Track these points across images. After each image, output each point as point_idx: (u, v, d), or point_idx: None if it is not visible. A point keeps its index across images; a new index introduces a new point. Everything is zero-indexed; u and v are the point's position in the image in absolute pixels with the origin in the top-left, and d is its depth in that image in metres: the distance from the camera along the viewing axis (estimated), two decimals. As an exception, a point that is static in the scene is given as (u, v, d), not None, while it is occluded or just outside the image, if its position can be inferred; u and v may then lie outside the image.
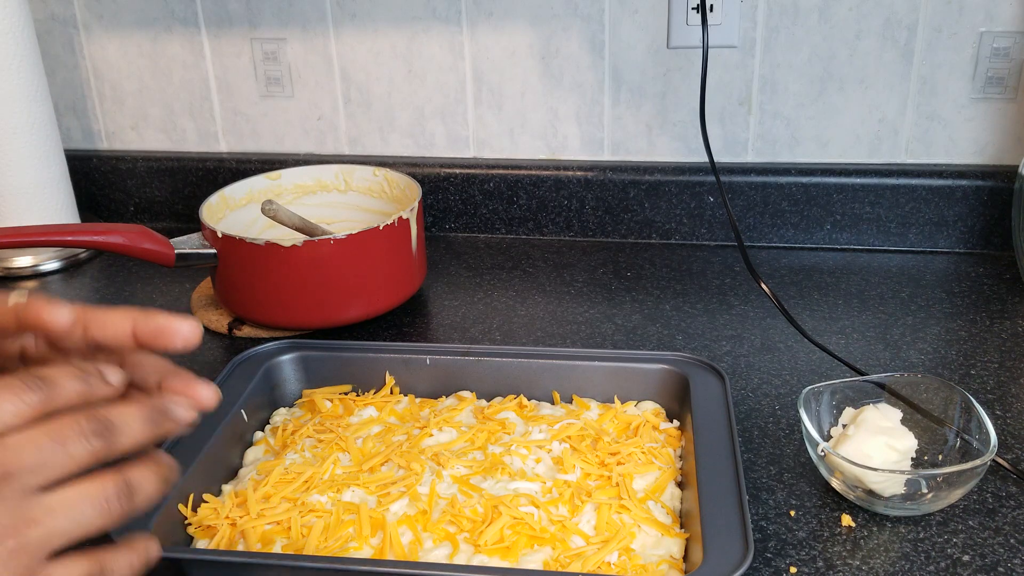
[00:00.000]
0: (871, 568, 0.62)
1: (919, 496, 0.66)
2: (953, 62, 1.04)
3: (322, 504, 0.67)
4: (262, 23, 1.17)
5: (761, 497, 0.69)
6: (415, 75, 1.16)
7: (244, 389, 0.77)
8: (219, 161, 1.23)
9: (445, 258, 1.13)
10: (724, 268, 1.07)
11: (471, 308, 1.00)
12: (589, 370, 0.79)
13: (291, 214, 0.94)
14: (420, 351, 0.82)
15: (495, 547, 0.62)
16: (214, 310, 1.00)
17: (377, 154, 1.21)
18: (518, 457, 0.71)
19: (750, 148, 1.13)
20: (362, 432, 0.75)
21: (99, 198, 1.28)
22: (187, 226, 1.15)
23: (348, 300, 0.94)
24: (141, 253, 0.90)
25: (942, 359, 0.87)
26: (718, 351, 0.89)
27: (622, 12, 1.08)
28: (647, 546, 0.63)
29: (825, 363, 0.86)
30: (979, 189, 1.06)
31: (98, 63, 1.23)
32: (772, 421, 0.78)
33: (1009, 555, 0.63)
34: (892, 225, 1.10)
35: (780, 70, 1.08)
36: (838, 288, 1.01)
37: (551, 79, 1.13)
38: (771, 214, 1.12)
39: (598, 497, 0.66)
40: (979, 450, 0.67)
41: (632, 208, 1.15)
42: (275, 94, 1.21)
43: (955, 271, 1.04)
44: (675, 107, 1.12)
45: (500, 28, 1.12)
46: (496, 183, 1.17)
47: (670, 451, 0.72)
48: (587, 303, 1.00)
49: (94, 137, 1.28)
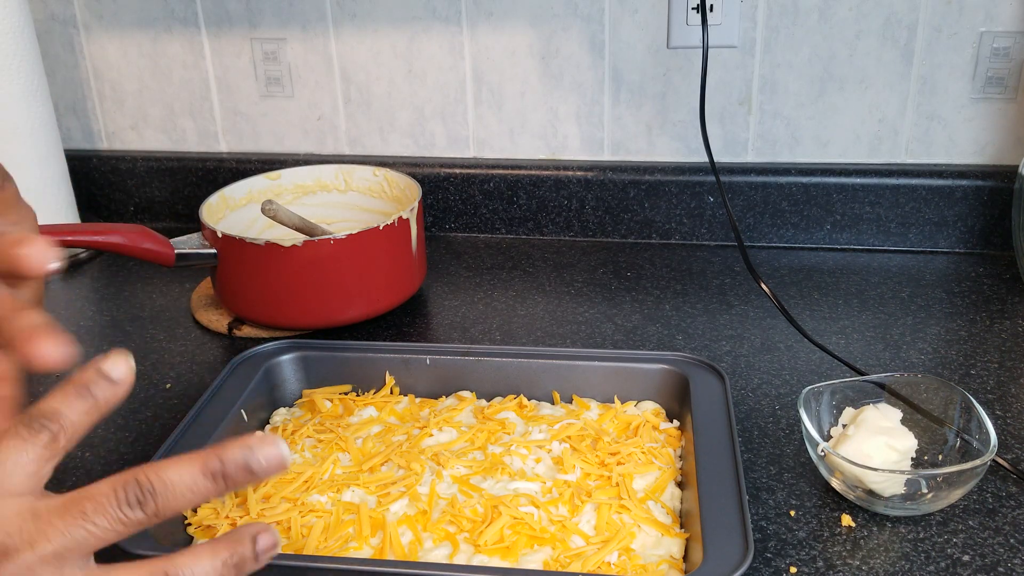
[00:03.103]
0: (871, 568, 0.62)
1: (919, 496, 0.66)
2: (953, 62, 1.04)
3: (322, 504, 0.67)
4: (262, 23, 1.17)
5: (761, 497, 0.69)
6: (415, 75, 1.16)
7: (244, 389, 0.77)
8: (219, 161, 1.23)
9: (445, 258, 1.13)
10: (724, 268, 1.07)
11: (471, 308, 1.00)
12: (589, 370, 0.79)
13: (291, 214, 0.94)
14: (420, 351, 0.82)
15: (495, 547, 0.62)
16: (214, 310, 1.00)
17: (377, 154, 1.21)
18: (518, 457, 0.71)
19: (750, 148, 1.13)
20: (362, 432, 0.75)
21: (99, 198, 1.28)
22: (187, 226, 1.16)
23: (348, 300, 0.94)
24: (141, 253, 0.90)
25: (942, 359, 0.87)
26: (718, 351, 0.89)
27: (622, 12, 1.08)
28: (647, 546, 0.63)
29: (825, 363, 0.86)
30: (979, 189, 1.06)
31: (98, 63, 1.23)
32: (772, 421, 0.78)
33: (1009, 555, 0.63)
34: (892, 225, 1.10)
35: (780, 70, 1.08)
36: (838, 288, 1.01)
37: (551, 79, 1.13)
38: (771, 214, 1.12)
39: (598, 497, 0.66)
40: (979, 450, 0.67)
41: (632, 208, 1.15)
42: (275, 94, 1.21)
43: (955, 271, 1.04)
44: (675, 107, 1.12)
45: (500, 28, 1.12)
46: (496, 183, 1.17)
47: (670, 451, 0.72)
48: (587, 303, 1.00)
49: (94, 137, 1.28)
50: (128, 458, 0.77)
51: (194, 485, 0.42)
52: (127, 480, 0.41)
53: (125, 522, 0.41)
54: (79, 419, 0.43)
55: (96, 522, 0.41)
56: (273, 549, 0.44)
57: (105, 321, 1.01)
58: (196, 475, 0.42)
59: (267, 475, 0.43)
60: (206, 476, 0.42)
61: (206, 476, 0.42)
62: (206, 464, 0.42)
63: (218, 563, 0.43)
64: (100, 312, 1.03)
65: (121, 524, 0.41)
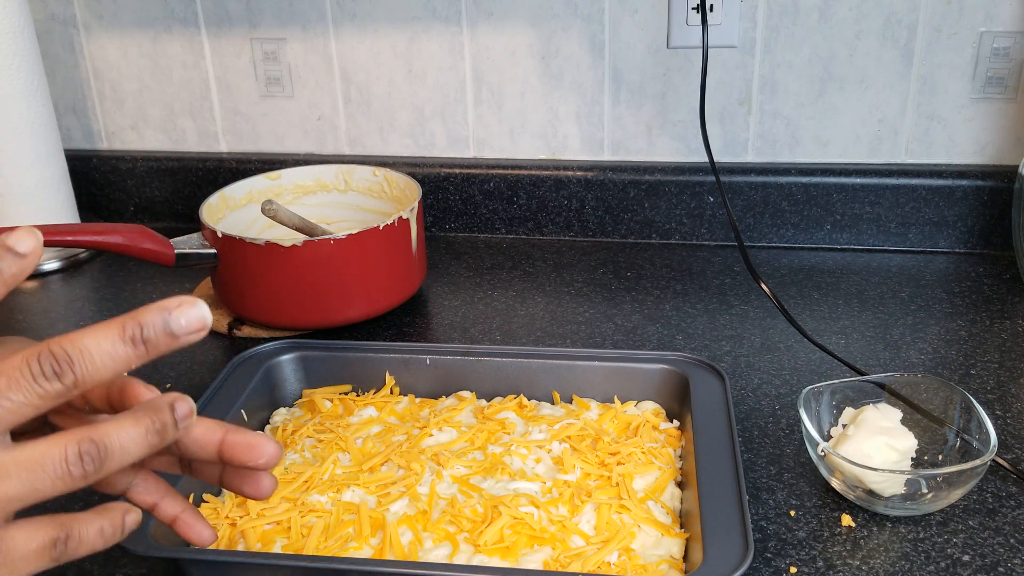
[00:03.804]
0: (871, 568, 0.62)
1: (919, 496, 0.66)
2: (953, 62, 1.04)
3: (322, 504, 0.67)
4: (262, 23, 1.17)
5: (761, 497, 0.69)
6: (415, 75, 1.16)
7: (244, 389, 0.77)
8: (219, 161, 1.23)
9: (445, 258, 1.13)
10: (724, 268, 1.07)
11: (471, 308, 1.00)
12: (589, 370, 0.79)
13: (291, 214, 0.94)
14: (420, 351, 0.82)
15: (495, 547, 0.62)
16: (214, 310, 1.00)
17: (377, 154, 1.21)
18: (518, 457, 0.71)
19: (750, 148, 1.13)
20: (362, 432, 0.75)
21: (99, 198, 1.28)
22: (187, 226, 1.15)
23: (348, 300, 0.94)
24: (141, 253, 0.90)
25: (942, 359, 0.87)
26: (718, 351, 0.89)
27: (622, 12, 1.08)
28: (647, 546, 0.63)
29: (825, 363, 0.86)
30: (979, 189, 1.06)
31: (98, 63, 1.23)
32: (772, 421, 0.78)
33: (1009, 555, 0.63)
34: (892, 225, 1.10)
35: (780, 70, 1.08)
36: (838, 288, 1.01)
37: (551, 79, 1.13)
38: (771, 214, 1.12)
39: (598, 497, 0.66)
40: (979, 450, 0.67)
41: (632, 208, 1.15)
42: (275, 94, 1.21)
43: (955, 271, 1.04)
44: (675, 107, 1.12)
45: (500, 28, 1.12)
46: (496, 183, 1.17)
47: (670, 451, 0.72)
48: (587, 303, 1.00)
49: (94, 137, 1.28)
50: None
51: (113, 351, 0.40)
52: (41, 351, 0.40)
53: (42, 395, 0.40)
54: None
55: (11, 397, 0.39)
56: (190, 416, 0.44)
57: (105, 321, 1.01)
58: (115, 340, 0.41)
59: (188, 338, 0.42)
60: (124, 341, 0.41)
61: (124, 341, 0.41)
62: (124, 328, 0.41)
63: (141, 429, 0.42)
64: (100, 312, 1.03)
65: (38, 397, 0.40)
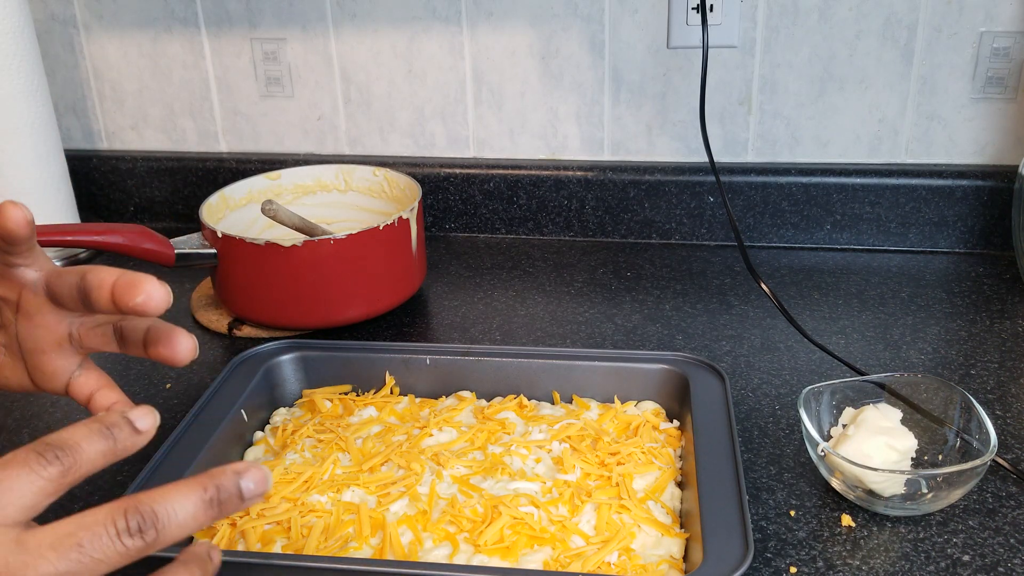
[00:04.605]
0: (871, 568, 0.62)
1: (919, 496, 0.66)
2: (953, 62, 1.04)
3: (322, 504, 0.67)
4: (262, 23, 1.17)
5: (761, 497, 0.69)
6: (415, 75, 1.16)
7: (244, 389, 0.77)
8: (219, 161, 1.23)
9: (445, 258, 1.13)
10: (724, 268, 1.07)
11: (471, 308, 1.00)
12: (589, 370, 0.79)
13: (291, 214, 0.94)
14: (420, 351, 0.82)
15: (495, 547, 0.62)
16: (214, 310, 1.00)
17: (377, 154, 1.21)
18: (518, 457, 0.71)
19: (750, 148, 1.13)
20: (362, 432, 0.75)
21: (99, 198, 1.28)
22: (187, 226, 1.16)
23: (348, 300, 0.94)
24: (141, 253, 0.90)
25: (942, 359, 0.87)
26: (718, 351, 0.89)
27: (622, 12, 1.08)
28: (647, 546, 0.63)
29: (825, 363, 0.86)
30: (979, 189, 1.06)
31: (98, 63, 1.23)
32: (772, 421, 0.78)
33: (1009, 555, 0.63)
34: (892, 225, 1.10)
35: (780, 70, 1.08)
36: (838, 288, 1.01)
37: (551, 79, 1.13)
38: (771, 214, 1.12)
39: (598, 497, 0.66)
40: (979, 450, 0.67)
41: (632, 208, 1.15)
42: (275, 94, 1.21)
43: (955, 271, 1.04)
44: (675, 107, 1.12)
45: (500, 28, 1.12)
46: (496, 183, 1.17)
47: (670, 451, 0.72)
48: (587, 303, 1.00)
49: (94, 137, 1.28)
50: (128, 458, 0.76)
51: (195, 513, 0.41)
52: (127, 507, 0.40)
53: (123, 553, 0.39)
54: (94, 458, 0.42)
55: (92, 554, 0.39)
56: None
57: (105, 321, 1.01)
58: (197, 503, 0.41)
59: (253, 501, 0.42)
60: (206, 504, 0.41)
61: (206, 504, 0.41)
62: (205, 490, 0.41)
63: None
64: (100, 312, 1.03)
65: (118, 555, 0.39)
